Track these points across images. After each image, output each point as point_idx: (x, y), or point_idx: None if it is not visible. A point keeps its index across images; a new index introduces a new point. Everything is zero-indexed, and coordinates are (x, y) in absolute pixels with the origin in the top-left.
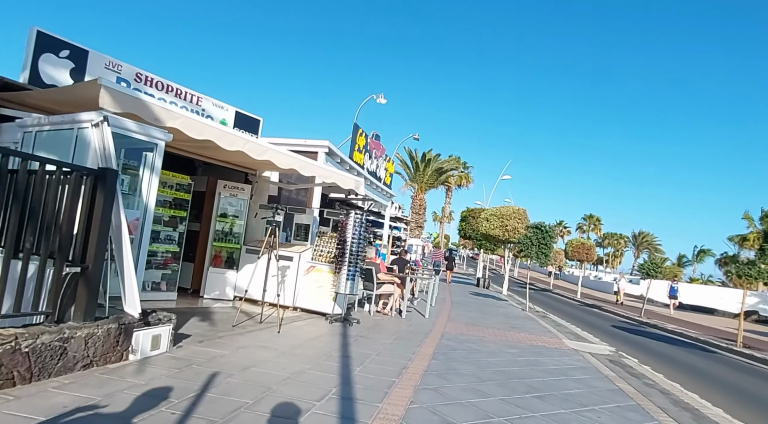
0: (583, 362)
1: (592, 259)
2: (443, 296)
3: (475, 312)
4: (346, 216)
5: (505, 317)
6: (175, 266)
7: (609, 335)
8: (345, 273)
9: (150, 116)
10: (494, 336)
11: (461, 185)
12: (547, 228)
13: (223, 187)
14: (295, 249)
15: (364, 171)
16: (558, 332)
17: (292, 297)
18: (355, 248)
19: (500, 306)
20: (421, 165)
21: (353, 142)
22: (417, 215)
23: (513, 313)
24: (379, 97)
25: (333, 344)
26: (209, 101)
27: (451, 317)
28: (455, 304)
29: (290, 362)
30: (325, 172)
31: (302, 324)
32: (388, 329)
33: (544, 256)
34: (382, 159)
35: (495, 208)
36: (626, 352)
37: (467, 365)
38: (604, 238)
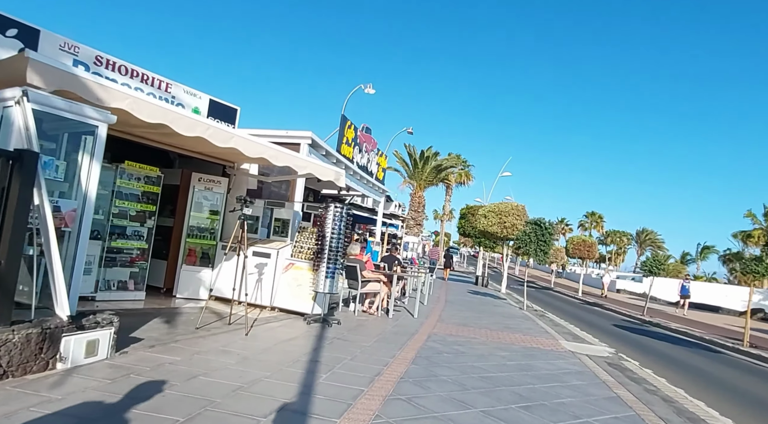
0: (579, 366)
1: (594, 256)
2: (438, 294)
3: (469, 311)
4: (325, 209)
5: (500, 316)
6: (144, 263)
7: (610, 335)
8: (324, 271)
9: (90, 95)
10: (485, 337)
11: (462, 183)
12: (546, 224)
13: (198, 180)
14: (273, 245)
15: (353, 165)
16: (555, 333)
17: (269, 296)
18: (335, 243)
19: (497, 305)
20: (420, 162)
21: (341, 135)
22: (416, 213)
23: (509, 312)
24: (367, 87)
25: (304, 347)
26: (180, 88)
27: (443, 317)
28: (449, 303)
29: (249, 369)
30: (299, 161)
31: (276, 325)
32: (370, 330)
33: (542, 253)
34: (374, 153)
35: (493, 205)
36: (627, 353)
37: (450, 370)
38: (607, 235)
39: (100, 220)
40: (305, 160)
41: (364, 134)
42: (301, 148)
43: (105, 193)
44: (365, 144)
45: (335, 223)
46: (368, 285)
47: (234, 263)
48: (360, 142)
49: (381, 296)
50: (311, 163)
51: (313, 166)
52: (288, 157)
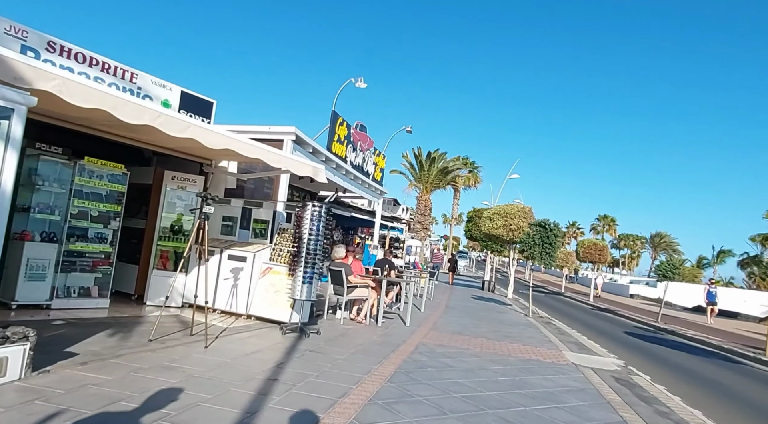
0: (581, 382)
1: (606, 260)
2: (440, 300)
3: (469, 318)
4: (302, 209)
5: (501, 323)
6: (108, 268)
7: (620, 344)
8: (301, 276)
9: (7, 75)
10: (480, 348)
11: (470, 186)
12: (552, 226)
13: (171, 178)
14: (250, 248)
15: (346, 164)
16: (559, 342)
17: (245, 304)
18: (313, 246)
19: (500, 311)
20: (426, 164)
21: (332, 132)
22: (422, 216)
23: (512, 319)
24: (358, 81)
25: (268, 362)
26: (147, 79)
27: (437, 325)
28: (449, 309)
29: (189, 390)
30: (271, 155)
31: (246, 336)
32: (352, 341)
33: (548, 256)
34: (371, 153)
35: (498, 207)
36: (638, 365)
37: (430, 388)
38: (620, 239)
39: (56, 221)
40: (278, 153)
41: (358, 132)
42: (284, 144)
43: (62, 191)
44: (360, 143)
45: (313, 223)
46: (355, 291)
47: (212, 268)
48: (354, 141)
49: (369, 303)
50: (285, 157)
51: (287, 161)
52: (259, 150)
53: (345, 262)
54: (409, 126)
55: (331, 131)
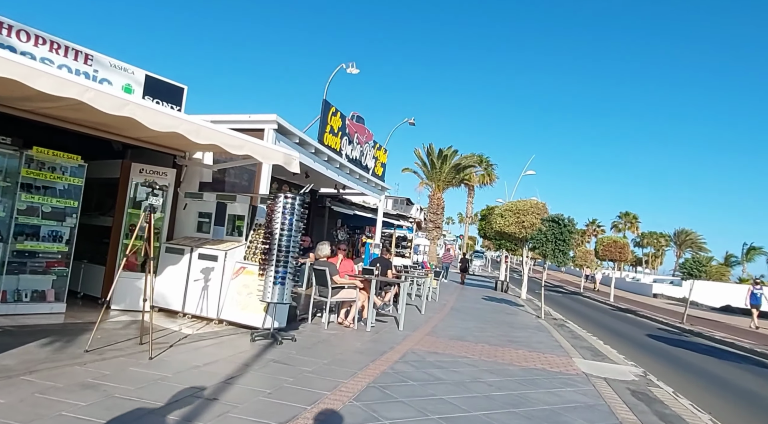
0: (591, 397)
1: (627, 258)
2: (446, 301)
3: (474, 321)
4: (273, 200)
5: (509, 326)
6: (64, 269)
7: (640, 348)
8: (272, 275)
9: None
10: (479, 355)
11: (484, 183)
12: (566, 221)
13: (139, 171)
14: (222, 246)
15: (341, 158)
16: (570, 348)
17: (216, 307)
18: (286, 241)
19: (510, 313)
20: (438, 162)
21: (323, 123)
22: (435, 215)
23: (522, 322)
24: (350, 66)
25: (217, 376)
26: (104, 60)
27: (436, 329)
28: (454, 311)
29: (92, 417)
30: (230, 139)
31: (208, 344)
32: (330, 349)
33: (561, 254)
34: (370, 146)
35: (510, 203)
36: (660, 373)
37: (404, 408)
38: (643, 237)
39: (0, 217)
40: (239, 138)
41: (354, 124)
42: (265, 134)
43: (7, 185)
44: (357, 135)
45: (285, 216)
46: (341, 293)
47: (182, 268)
48: (350, 133)
49: (357, 305)
50: (248, 143)
51: (251, 146)
52: (214, 134)
53: (334, 261)
54: (411, 118)
55: (323, 122)
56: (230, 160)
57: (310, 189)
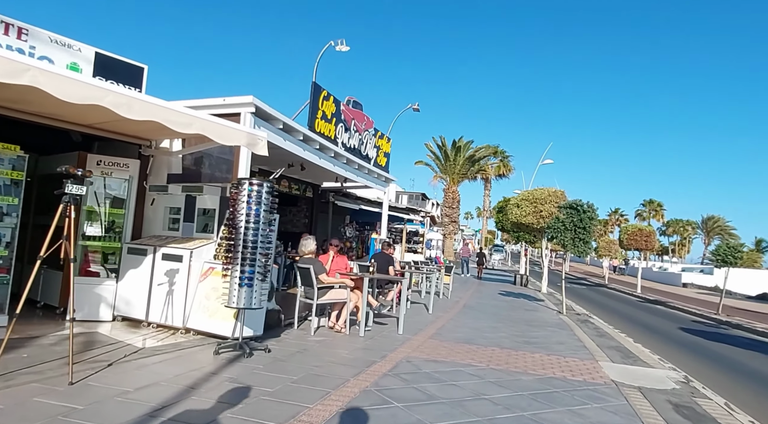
0: (624, 416)
1: (653, 247)
2: (459, 297)
3: (487, 320)
4: (236, 189)
5: (526, 325)
6: (4, 276)
7: (676, 345)
8: (237, 276)
9: None
10: (487, 362)
11: (501, 175)
12: (585, 207)
13: (96, 164)
14: (188, 245)
15: (336, 146)
16: (596, 349)
17: (182, 314)
18: (252, 236)
19: (529, 309)
20: (451, 154)
21: (314, 108)
22: (450, 209)
23: (541, 319)
24: (339, 43)
25: (142, 407)
26: (43, 35)
27: (442, 331)
28: (467, 308)
29: None
30: (175, 115)
31: (159, 360)
32: (308, 361)
33: (582, 243)
34: (370, 134)
35: (526, 192)
36: (703, 376)
37: None
38: (668, 225)
39: None
40: (186, 114)
41: (351, 109)
42: (242, 119)
43: None
44: (354, 121)
45: (251, 207)
46: (329, 293)
47: (145, 271)
48: (346, 119)
49: (349, 307)
50: (199, 120)
51: (202, 124)
52: (150, 108)
53: (325, 258)
54: (416, 103)
55: (313, 107)
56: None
57: (312, 184)
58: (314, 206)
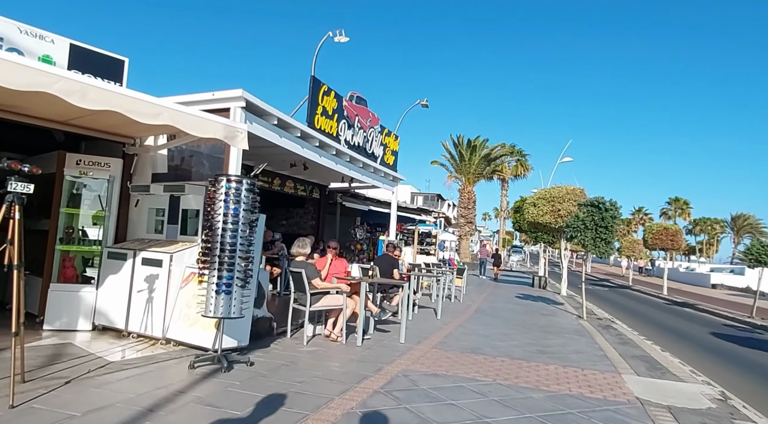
0: None
1: (679, 247)
2: (472, 301)
3: (499, 326)
4: (213, 186)
5: (542, 331)
6: None
7: (708, 353)
8: (214, 282)
9: None
10: (494, 376)
11: (518, 175)
12: (608, 205)
13: (75, 163)
14: (169, 248)
15: (338, 144)
16: (618, 358)
17: (161, 324)
18: (230, 238)
19: (546, 313)
20: (467, 153)
21: (314, 103)
22: (466, 210)
23: (559, 324)
24: (337, 34)
25: None
26: (12, 27)
27: (448, 338)
28: (479, 313)
29: None
30: (138, 105)
31: (123, 377)
32: (293, 376)
33: (603, 243)
34: (376, 131)
35: (543, 190)
36: (741, 390)
37: None
38: (695, 224)
39: None
40: (153, 103)
41: (354, 105)
42: (231, 114)
43: None
44: (358, 118)
45: (229, 206)
46: (323, 300)
47: (125, 276)
48: (349, 116)
49: (346, 314)
50: (168, 109)
51: (171, 114)
52: (107, 95)
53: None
54: (424, 99)
55: (313, 102)
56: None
57: (319, 185)
58: (321, 208)
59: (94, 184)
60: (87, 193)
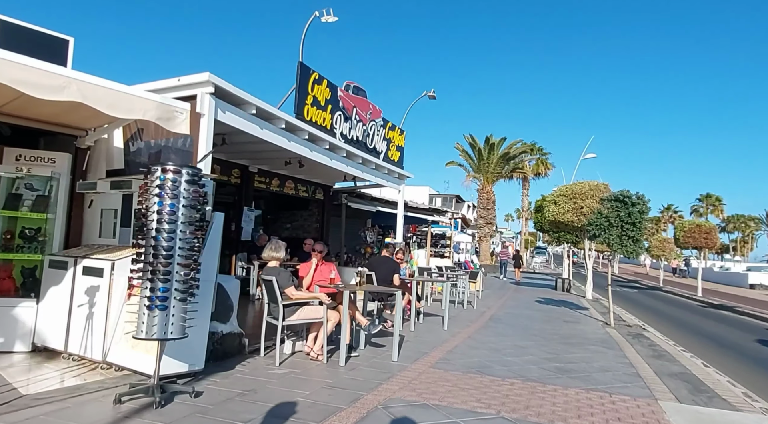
0: None
1: (714, 245)
2: (488, 306)
3: (514, 336)
4: (146, 179)
5: (563, 343)
6: None
7: (757, 365)
8: (146, 295)
9: None
10: (498, 406)
11: (539, 174)
12: (635, 199)
13: (15, 159)
14: (111, 255)
15: (334, 138)
16: (654, 378)
17: (101, 344)
18: (167, 241)
19: (569, 320)
20: (484, 152)
21: (303, 93)
22: (485, 210)
23: (582, 333)
24: (324, 13)
25: None
26: None
27: (452, 354)
28: (493, 321)
29: None
30: (35, 75)
31: (20, 419)
32: (244, 410)
33: (631, 242)
34: (378, 125)
35: (564, 187)
36: None
37: None
38: (728, 221)
39: None
40: (53, 73)
41: (351, 96)
42: (198, 101)
43: None
44: (356, 109)
45: (162, 202)
46: (299, 312)
47: (65, 289)
48: (345, 108)
49: (327, 328)
50: (74, 81)
51: (79, 86)
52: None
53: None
54: (431, 90)
55: (301, 91)
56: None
57: (323, 185)
58: (325, 209)
59: (36, 181)
60: (29, 194)
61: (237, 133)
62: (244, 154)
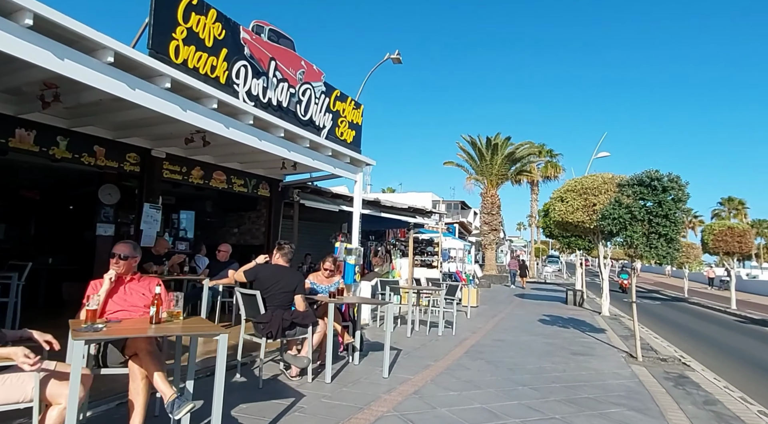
0: None
1: (749, 249)
2: (477, 326)
3: (487, 389)
4: None
5: (566, 400)
6: None
7: None
8: None
9: None
10: None
11: (549, 177)
12: (666, 182)
13: None
14: None
15: (234, 98)
16: None
17: None
18: None
19: (578, 351)
20: (487, 153)
21: (164, 18)
22: (490, 216)
23: (598, 377)
24: None
25: None
26: None
27: None
28: (471, 354)
29: None
30: None
31: None
32: None
33: (663, 241)
34: (317, 90)
35: (573, 181)
36: None
37: None
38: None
39: None
40: None
41: (267, 43)
42: None
43: None
44: (276, 63)
45: None
46: None
47: None
48: (257, 58)
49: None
50: None
51: None
52: None
53: None
54: (396, 52)
55: (163, 17)
56: None
57: (268, 178)
58: (272, 209)
59: None
60: None
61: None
62: (128, 129)
